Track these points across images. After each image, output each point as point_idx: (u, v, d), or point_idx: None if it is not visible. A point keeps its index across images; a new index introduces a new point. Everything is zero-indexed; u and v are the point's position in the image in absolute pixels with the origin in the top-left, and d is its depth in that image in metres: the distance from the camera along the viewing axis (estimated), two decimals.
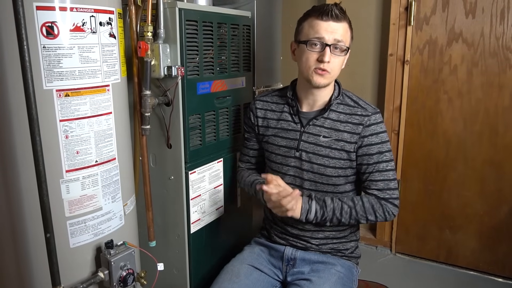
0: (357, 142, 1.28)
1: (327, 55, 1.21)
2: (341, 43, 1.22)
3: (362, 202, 1.27)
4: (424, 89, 2.14)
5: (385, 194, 1.28)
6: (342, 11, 1.22)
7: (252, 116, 1.45)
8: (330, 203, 1.26)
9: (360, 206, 1.26)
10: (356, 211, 1.26)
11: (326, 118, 1.31)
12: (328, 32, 1.21)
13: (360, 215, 1.26)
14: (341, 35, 1.22)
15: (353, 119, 1.29)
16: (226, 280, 1.31)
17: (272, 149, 1.39)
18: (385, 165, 1.28)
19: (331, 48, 1.21)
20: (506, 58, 1.94)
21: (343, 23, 1.22)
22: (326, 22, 1.21)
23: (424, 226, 2.25)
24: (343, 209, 1.26)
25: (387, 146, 1.30)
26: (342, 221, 1.27)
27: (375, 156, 1.28)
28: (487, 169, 2.06)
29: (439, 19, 2.04)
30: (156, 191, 1.44)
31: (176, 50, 1.30)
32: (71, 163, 1.02)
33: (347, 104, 1.32)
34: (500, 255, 2.09)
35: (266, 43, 1.82)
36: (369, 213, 1.26)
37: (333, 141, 1.29)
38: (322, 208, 1.26)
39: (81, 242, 1.07)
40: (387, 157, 1.29)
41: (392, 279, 2.07)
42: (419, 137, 2.19)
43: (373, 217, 1.27)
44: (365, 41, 2.23)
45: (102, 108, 1.06)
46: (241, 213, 1.72)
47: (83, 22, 0.98)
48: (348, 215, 1.26)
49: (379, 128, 1.29)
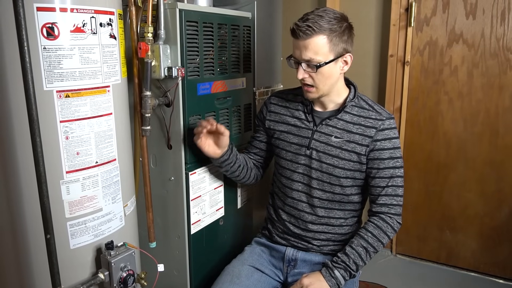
0: (369, 146, 1.28)
1: (300, 73, 1.24)
2: (313, 61, 1.21)
3: (371, 234, 1.26)
4: (424, 90, 2.14)
5: (390, 209, 1.29)
6: (310, 27, 1.17)
7: (264, 110, 1.47)
8: (351, 263, 1.24)
9: (372, 237, 1.26)
10: (373, 247, 1.26)
11: (339, 119, 1.31)
12: (298, 50, 1.22)
13: (377, 246, 1.26)
14: (311, 51, 1.19)
15: (367, 122, 1.29)
16: (227, 281, 1.31)
17: (283, 146, 1.40)
18: (397, 171, 1.28)
19: (304, 66, 1.22)
20: (507, 59, 1.94)
21: (314, 38, 1.18)
22: (297, 41, 1.22)
23: (424, 227, 2.25)
24: (361, 255, 1.25)
25: (399, 152, 1.29)
26: (366, 262, 1.27)
27: (386, 161, 1.27)
28: (487, 170, 2.06)
29: (440, 20, 2.04)
30: (156, 192, 1.44)
31: (177, 51, 1.30)
32: (72, 164, 1.01)
33: (362, 107, 1.31)
34: (500, 256, 2.09)
35: (267, 44, 1.81)
36: (382, 237, 1.26)
37: (344, 142, 1.29)
38: (350, 274, 1.24)
39: (81, 243, 1.07)
40: (399, 163, 1.29)
41: (393, 280, 2.07)
42: (419, 138, 2.19)
43: (386, 239, 1.27)
44: (365, 42, 2.23)
45: (103, 109, 1.06)
46: (241, 214, 1.72)
47: (83, 23, 0.98)
48: (367, 255, 1.26)
49: (392, 134, 1.28)
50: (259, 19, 1.69)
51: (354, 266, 1.24)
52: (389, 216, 1.28)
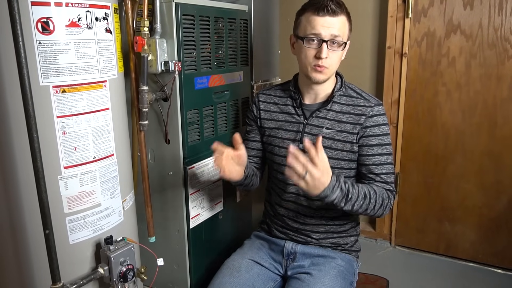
0: (358, 133, 1.28)
1: (324, 51, 1.20)
2: (338, 38, 1.21)
3: (375, 192, 1.23)
4: (422, 82, 2.13)
5: (390, 186, 1.28)
6: (338, 5, 1.20)
7: (254, 109, 1.45)
8: (351, 190, 1.17)
9: (374, 193, 1.22)
10: (369, 199, 1.20)
11: (329, 110, 1.31)
12: (324, 27, 1.20)
13: (371, 204, 1.20)
14: (338, 29, 1.21)
15: (356, 109, 1.29)
16: (227, 275, 1.32)
17: (275, 142, 1.39)
18: (386, 158, 1.28)
19: (328, 44, 1.21)
20: (505, 49, 1.93)
21: (340, 17, 1.21)
22: (323, 18, 1.20)
23: (423, 219, 2.26)
24: (359, 196, 1.18)
25: (388, 139, 1.30)
26: (354, 209, 1.19)
27: (375, 147, 1.28)
28: (486, 161, 2.06)
29: (437, 11, 2.03)
30: (155, 187, 1.44)
31: (173, 45, 1.30)
32: (69, 159, 1.01)
33: (350, 96, 1.31)
34: (499, 247, 2.10)
35: (264, 37, 1.81)
36: (379, 203, 1.22)
37: (335, 132, 1.29)
38: (344, 197, 1.15)
39: (80, 238, 1.07)
40: (387, 150, 1.29)
41: (392, 271, 2.08)
42: (417, 129, 2.18)
43: (380, 206, 1.22)
44: (362, 34, 2.22)
45: (100, 104, 1.06)
46: (240, 207, 1.73)
47: (78, 18, 0.97)
48: (361, 203, 1.19)
49: (381, 120, 1.28)
50: (256, 12, 1.69)
51: (348, 202, 1.17)
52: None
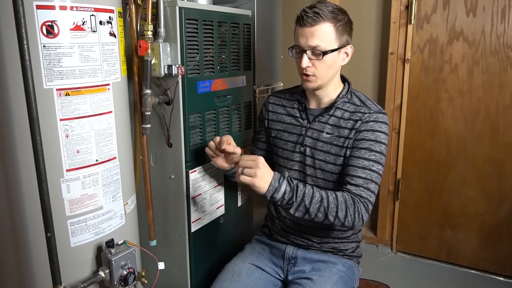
0: (352, 137, 1.27)
1: (304, 61, 1.23)
2: (318, 48, 1.21)
3: (335, 195, 1.16)
4: (424, 88, 2.13)
5: (361, 191, 1.19)
6: (317, 14, 1.19)
7: (264, 110, 1.49)
8: (302, 187, 1.15)
9: (333, 198, 1.15)
10: (328, 202, 1.14)
11: (331, 115, 1.31)
12: (303, 38, 1.22)
13: (331, 208, 1.14)
14: (318, 38, 1.20)
15: (355, 116, 1.28)
16: (228, 279, 1.31)
17: (280, 144, 1.41)
18: (371, 164, 1.22)
19: (310, 53, 1.23)
20: (507, 57, 1.93)
21: (320, 26, 1.20)
22: (302, 28, 1.22)
23: (425, 225, 2.25)
24: (314, 197, 1.14)
25: (380, 147, 1.24)
26: (310, 210, 1.14)
27: (363, 151, 1.23)
28: (488, 167, 2.05)
29: (440, 18, 2.04)
30: (156, 190, 1.44)
31: (177, 49, 1.30)
32: (72, 162, 1.01)
33: (354, 103, 1.31)
34: (501, 254, 2.09)
35: (267, 41, 1.81)
36: (341, 208, 1.14)
37: (334, 137, 1.29)
38: (293, 191, 1.14)
39: (81, 241, 1.07)
40: (376, 157, 1.23)
41: (393, 278, 2.07)
42: (419, 136, 2.18)
43: (342, 215, 1.14)
44: (365, 40, 2.23)
45: (103, 107, 1.06)
46: (241, 211, 1.72)
47: (83, 21, 0.98)
48: (318, 205, 1.14)
49: (377, 127, 1.25)
50: (259, 17, 1.69)
51: (300, 198, 1.14)
52: (358, 200, 1.18)
